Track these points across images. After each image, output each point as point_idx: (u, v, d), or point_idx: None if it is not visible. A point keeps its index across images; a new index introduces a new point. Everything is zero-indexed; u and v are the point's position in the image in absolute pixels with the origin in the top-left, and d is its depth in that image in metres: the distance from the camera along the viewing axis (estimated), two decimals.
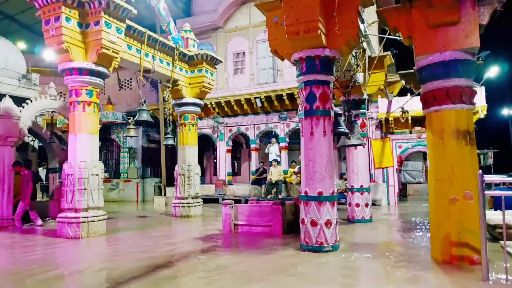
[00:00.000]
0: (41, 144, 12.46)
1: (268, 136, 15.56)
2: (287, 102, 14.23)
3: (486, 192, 3.87)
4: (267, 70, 15.09)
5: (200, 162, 12.20)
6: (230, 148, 16.12)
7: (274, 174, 12.92)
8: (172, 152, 14.74)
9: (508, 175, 7.58)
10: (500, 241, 5.09)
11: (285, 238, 6.52)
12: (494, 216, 5.67)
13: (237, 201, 11.61)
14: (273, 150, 14.29)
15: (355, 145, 8.13)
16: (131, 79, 18.10)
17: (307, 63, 5.62)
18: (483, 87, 12.55)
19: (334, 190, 5.61)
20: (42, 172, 13.93)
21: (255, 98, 14.55)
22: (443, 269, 4.34)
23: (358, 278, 4.25)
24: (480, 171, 3.88)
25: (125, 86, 18.35)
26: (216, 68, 10.87)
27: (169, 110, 10.98)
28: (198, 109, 10.61)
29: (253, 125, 15.53)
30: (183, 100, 10.25)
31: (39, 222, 8.70)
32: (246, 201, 9.57)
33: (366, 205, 8.68)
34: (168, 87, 9.78)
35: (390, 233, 7.38)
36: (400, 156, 13.96)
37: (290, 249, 5.58)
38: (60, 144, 11.18)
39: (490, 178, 4.27)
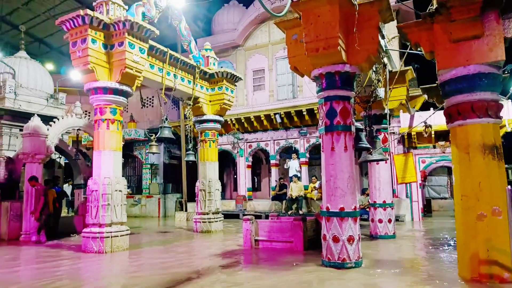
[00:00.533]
0: (67, 161, 12.85)
1: (288, 152, 15.53)
2: (307, 117, 14.22)
3: None
4: (287, 87, 15.19)
5: (221, 177, 12.25)
6: (250, 163, 16.16)
7: (295, 189, 12.84)
8: (193, 168, 14.90)
9: None
10: None
11: (306, 255, 6.44)
12: None
13: (258, 216, 11.57)
14: (292, 165, 14.23)
15: (377, 160, 8.02)
16: (153, 97, 18.53)
17: (327, 79, 5.64)
18: (509, 100, 12.21)
19: (356, 205, 5.54)
20: (67, 188, 14.32)
21: (274, 114, 14.61)
22: None
23: None
24: (509, 187, 3.77)
25: (147, 104, 18.79)
26: (236, 85, 11.03)
27: (190, 127, 11.17)
28: (218, 126, 10.74)
29: (272, 140, 15.55)
30: (204, 117, 10.41)
31: (34, 238, 8.71)
32: (267, 217, 9.52)
33: (389, 221, 8.50)
34: (189, 105, 9.97)
35: (414, 250, 7.17)
36: (424, 171, 13.67)
37: (312, 266, 5.50)
38: (85, 161, 11.51)
39: None
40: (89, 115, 17.28)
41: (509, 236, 3.69)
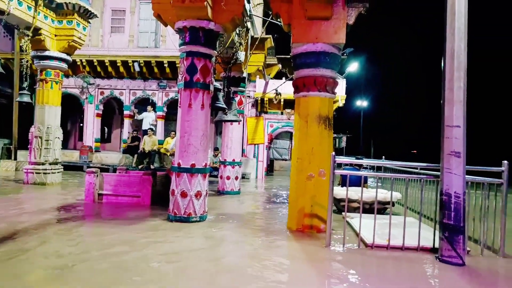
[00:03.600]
0: None
1: (144, 104, 14.84)
2: (167, 70, 13.75)
3: (336, 171, 4.47)
4: (149, 34, 14.22)
5: (64, 125, 10.98)
6: (101, 112, 14.89)
7: (148, 143, 12.46)
8: (28, 110, 12.88)
9: (356, 157, 8.88)
10: (343, 213, 5.98)
11: (153, 209, 6.43)
12: (341, 191, 6.62)
13: (105, 170, 10.91)
14: (147, 117, 13.70)
15: (231, 121, 8.40)
16: None
17: (191, 33, 5.50)
18: (344, 79, 14.24)
19: (207, 163, 5.74)
20: None
21: (133, 61, 13.64)
22: (296, 237, 4.90)
23: (220, 245, 4.46)
24: (333, 153, 4.44)
25: None
26: (90, 23, 9.74)
27: (28, 62, 9.47)
28: (64, 65, 9.41)
29: (128, 90, 14.58)
30: (46, 53, 8.96)
31: None
32: (115, 170, 9.05)
33: (236, 178, 9.15)
34: (28, 36, 8.39)
35: (254, 205, 7.93)
36: (271, 134, 15.04)
37: (158, 220, 5.54)
38: None
39: (340, 159, 4.92)
40: None
41: (328, 194, 4.41)
